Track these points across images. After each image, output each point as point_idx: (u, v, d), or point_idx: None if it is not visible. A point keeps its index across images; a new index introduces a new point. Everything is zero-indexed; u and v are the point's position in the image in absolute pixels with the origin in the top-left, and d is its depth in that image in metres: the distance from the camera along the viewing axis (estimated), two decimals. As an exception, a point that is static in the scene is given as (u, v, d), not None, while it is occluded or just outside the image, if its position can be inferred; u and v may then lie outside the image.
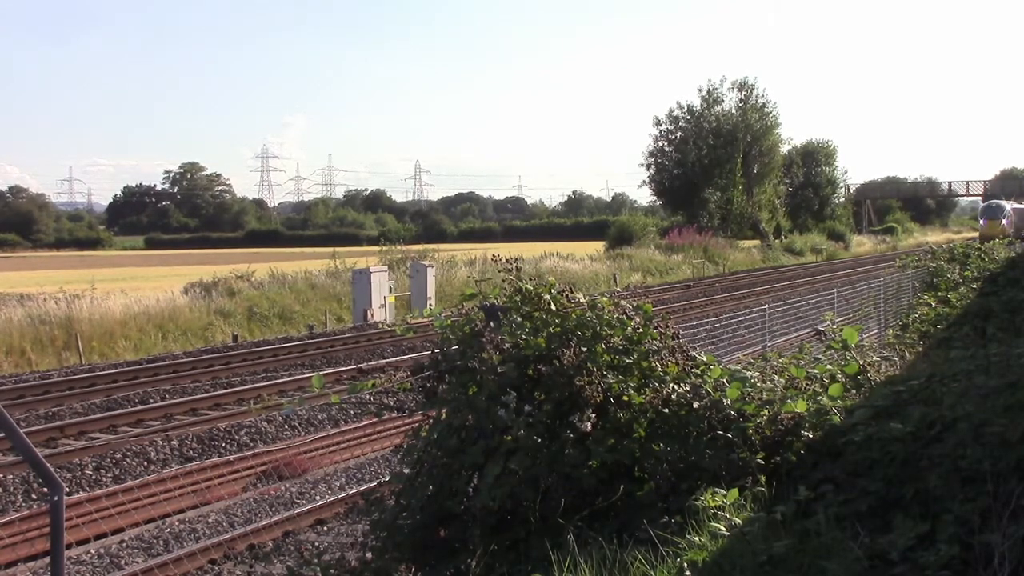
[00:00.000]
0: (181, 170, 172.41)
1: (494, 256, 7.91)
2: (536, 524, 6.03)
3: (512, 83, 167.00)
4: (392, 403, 7.56)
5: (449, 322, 6.89)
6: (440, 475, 6.38)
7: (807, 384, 6.99)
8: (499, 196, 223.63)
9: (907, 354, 13.01)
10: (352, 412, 16.84)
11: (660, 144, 75.52)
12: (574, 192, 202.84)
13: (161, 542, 10.86)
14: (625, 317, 6.79)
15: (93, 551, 10.49)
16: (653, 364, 6.54)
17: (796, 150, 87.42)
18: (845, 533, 4.93)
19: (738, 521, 5.34)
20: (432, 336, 7.70)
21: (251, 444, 15.19)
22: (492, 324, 6.75)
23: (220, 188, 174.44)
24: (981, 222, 77.85)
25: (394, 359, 23.21)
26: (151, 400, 18.88)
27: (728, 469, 5.91)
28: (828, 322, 9.40)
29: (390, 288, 33.13)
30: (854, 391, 7.16)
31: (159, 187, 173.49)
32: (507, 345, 6.57)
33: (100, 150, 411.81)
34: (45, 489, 7.27)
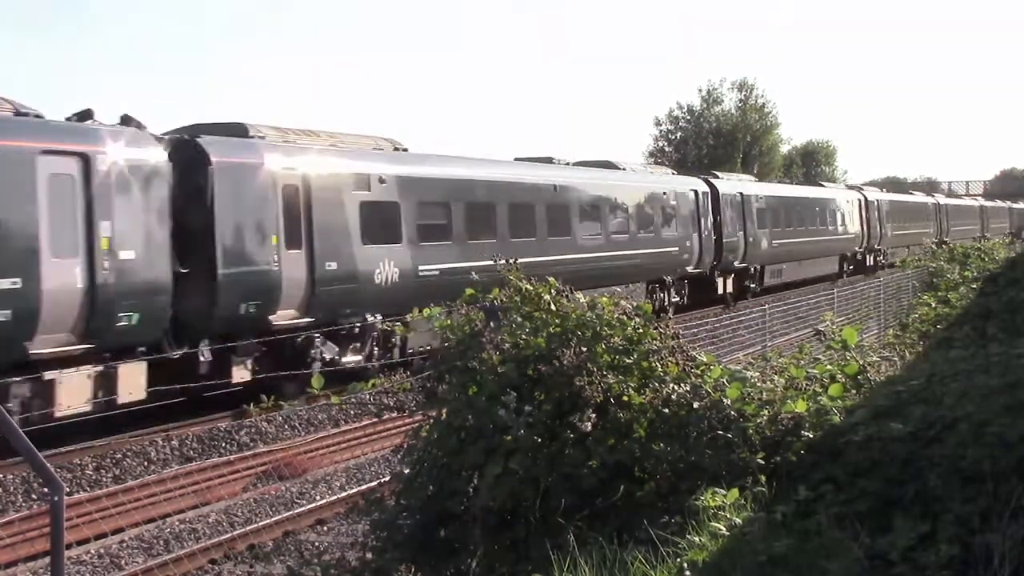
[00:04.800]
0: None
1: (495, 255, 7.92)
2: (536, 524, 6.03)
3: (510, 83, 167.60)
4: (392, 403, 7.57)
5: (449, 322, 6.89)
6: (440, 475, 6.38)
7: (807, 384, 6.99)
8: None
9: (907, 354, 13.00)
10: (352, 412, 16.82)
11: (660, 144, 75.42)
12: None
13: (161, 542, 10.85)
14: (625, 317, 6.79)
15: (93, 551, 10.48)
16: (653, 364, 6.54)
17: (796, 150, 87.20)
18: (845, 533, 4.93)
19: (738, 521, 5.34)
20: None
21: (251, 444, 15.16)
22: (492, 324, 6.75)
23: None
24: None
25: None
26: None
27: (728, 469, 5.90)
28: (828, 322, 9.40)
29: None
30: (854, 391, 7.15)
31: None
32: (507, 345, 6.57)
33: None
34: (45, 489, 7.26)
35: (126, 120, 15.48)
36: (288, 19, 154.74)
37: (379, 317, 18.13)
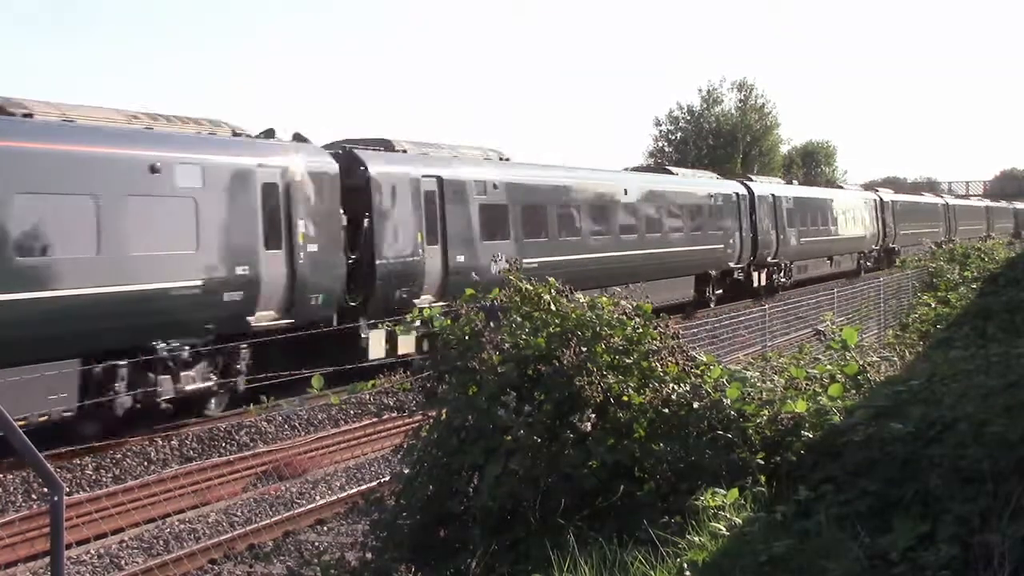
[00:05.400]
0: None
1: (495, 256, 7.92)
2: (536, 524, 6.03)
3: (509, 82, 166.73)
4: (392, 403, 7.57)
5: (449, 322, 6.90)
6: (440, 475, 6.38)
7: (807, 384, 7.00)
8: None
9: (907, 354, 13.02)
10: (352, 412, 16.82)
11: (660, 144, 75.50)
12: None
13: (161, 542, 10.85)
14: (625, 317, 6.79)
15: (93, 551, 10.49)
16: (653, 364, 6.54)
17: (796, 150, 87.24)
18: (845, 533, 4.94)
19: (738, 521, 5.34)
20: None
21: (251, 444, 15.16)
22: (492, 324, 6.76)
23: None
24: None
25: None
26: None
27: (728, 469, 5.91)
28: (828, 322, 9.41)
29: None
30: (854, 391, 7.16)
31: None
32: (507, 345, 6.57)
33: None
34: (45, 489, 7.26)
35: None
36: (306, 20, 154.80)
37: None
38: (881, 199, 48.76)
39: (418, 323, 7.29)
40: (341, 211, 18.04)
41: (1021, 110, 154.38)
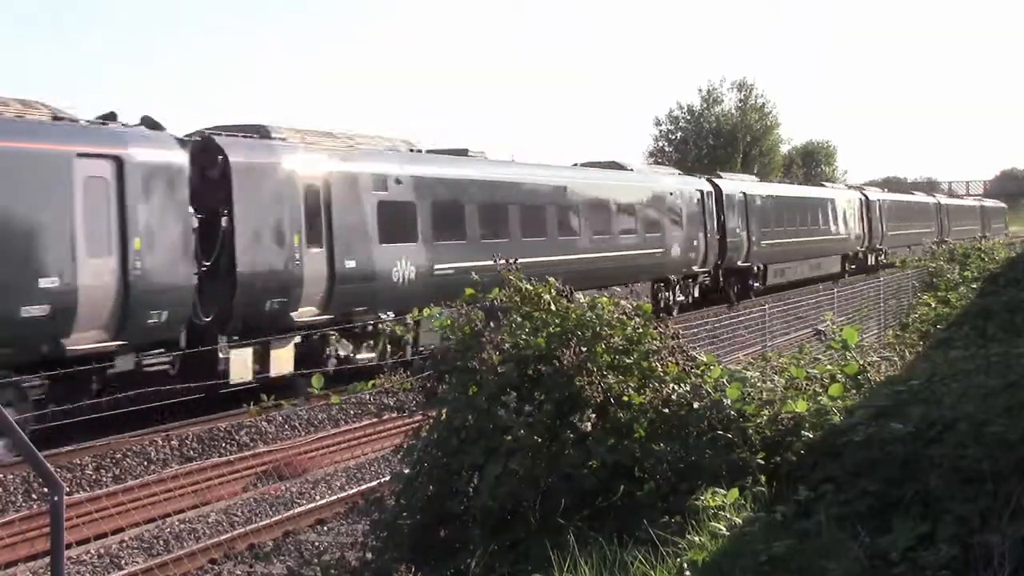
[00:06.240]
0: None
1: (496, 256, 7.92)
2: (536, 524, 6.04)
3: (509, 82, 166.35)
4: (392, 403, 7.57)
5: (449, 322, 6.89)
6: (440, 475, 6.39)
7: (807, 384, 6.99)
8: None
9: (907, 354, 13.00)
10: (352, 412, 16.81)
11: (660, 144, 75.47)
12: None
13: (161, 542, 10.84)
14: (625, 317, 6.79)
15: (93, 551, 10.48)
16: (653, 364, 6.54)
17: (796, 150, 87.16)
18: (845, 533, 4.93)
19: (738, 521, 5.34)
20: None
21: (251, 444, 15.15)
22: (492, 324, 6.76)
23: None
24: None
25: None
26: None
27: (728, 469, 5.91)
28: (828, 322, 9.41)
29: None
30: (854, 391, 7.16)
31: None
32: (507, 345, 6.57)
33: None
34: (45, 489, 7.26)
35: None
36: (304, 19, 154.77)
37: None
38: (866, 197, 45.10)
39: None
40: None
41: (1021, 110, 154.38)
